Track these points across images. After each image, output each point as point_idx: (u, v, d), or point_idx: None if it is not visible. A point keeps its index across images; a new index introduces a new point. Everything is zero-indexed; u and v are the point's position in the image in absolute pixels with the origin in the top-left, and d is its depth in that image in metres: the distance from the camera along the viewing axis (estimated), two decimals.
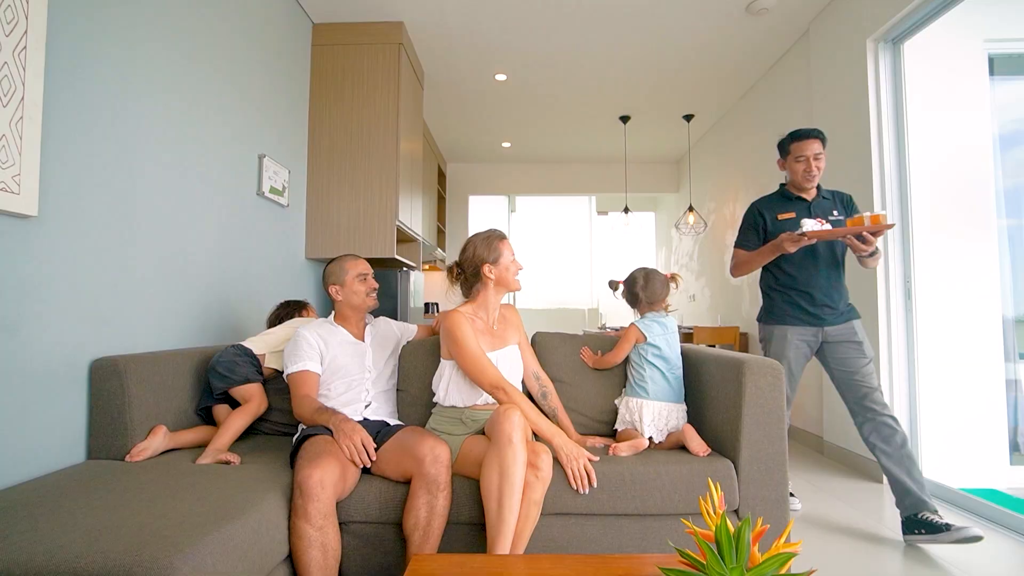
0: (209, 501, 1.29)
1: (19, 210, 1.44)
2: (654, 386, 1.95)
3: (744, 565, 0.73)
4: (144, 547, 1.03)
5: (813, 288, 2.27)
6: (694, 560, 0.76)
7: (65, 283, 1.64)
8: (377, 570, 1.65)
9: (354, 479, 1.60)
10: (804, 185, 2.32)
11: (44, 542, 1.05)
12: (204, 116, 2.36)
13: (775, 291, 2.37)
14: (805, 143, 2.27)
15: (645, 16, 3.50)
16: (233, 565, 1.14)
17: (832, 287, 2.27)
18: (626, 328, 2.07)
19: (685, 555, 0.78)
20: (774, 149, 2.49)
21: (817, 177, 2.28)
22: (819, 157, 2.25)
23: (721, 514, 0.79)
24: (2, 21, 1.38)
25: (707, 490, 1.51)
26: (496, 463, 1.47)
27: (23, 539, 1.06)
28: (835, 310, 2.25)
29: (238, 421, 1.84)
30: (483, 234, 1.92)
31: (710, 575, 0.73)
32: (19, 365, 1.48)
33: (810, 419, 3.72)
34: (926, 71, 2.92)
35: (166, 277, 2.11)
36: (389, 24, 3.54)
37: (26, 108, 1.45)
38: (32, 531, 1.09)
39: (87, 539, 1.06)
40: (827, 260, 2.27)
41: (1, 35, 1.38)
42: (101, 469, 1.55)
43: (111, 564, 0.98)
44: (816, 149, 2.25)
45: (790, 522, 0.97)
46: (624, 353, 2.05)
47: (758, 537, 0.81)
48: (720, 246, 5.47)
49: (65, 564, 0.98)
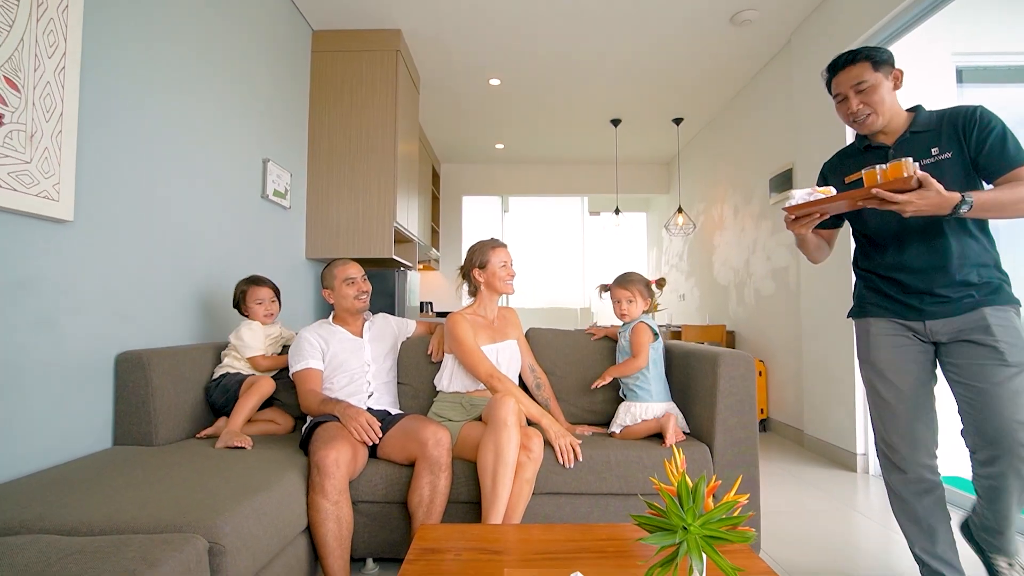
0: (236, 478, 1.46)
1: (58, 215, 1.60)
2: (658, 385, 2.06)
3: (699, 511, 0.91)
4: (189, 511, 1.20)
5: (900, 271, 1.59)
6: (658, 509, 0.94)
7: (94, 282, 1.80)
8: (384, 545, 1.83)
9: (363, 461, 1.78)
10: (860, 131, 1.62)
11: (99, 508, 1.21)
12: (213, 124, 2.52)
13: (857, 275, 1.76)
14: (840, 76, 1.58)
15: (634, 25, 3.69)
16: (264, 530, 1.31)
17: (937, 265, 1.53)
18: (635, 328, 2.09)
19: (651, 505, 0.96)
20: (761, 152, 2.53)
21: (873, 117, 1.55)
22: (864, 88, 1.53)
23: (682, 472, 0.97)
24: (45, 44, 1.54)
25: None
26: (492, 443, 1.66)
27: (79, 506, 1.22)
28: (944, 298, 1.52)
29: (249, 402, 1.96)
30: (481, 242, 2.17)
31: (670, 518, 0.91)
32: (56, 357, 1.64)
33: (790, 413, 3.93)
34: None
35: (181, 276, 2.27)
36: (387, 32, 3.71)
37: (64, 122, 1.61)
38: (84, 500, 1.26)
39: (135, 506, 1.23)
40: (922, 227, 1.54)
41: (44, 57, 1.54)
42: (130, 453, 1.71)
43: (163, 523, 1.15)
44: (856, 77, 1.54)
45: (739, 478, 1.16)
46: (647, 354, 2.05)
47: (712, 491, 0.99)
48: (709, 246, 5.68)
49: (123, 524, 1.15)
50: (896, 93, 1.57)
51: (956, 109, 1.53)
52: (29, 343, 1.55)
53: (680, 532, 0.89)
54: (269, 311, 2.27)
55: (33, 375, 1.57)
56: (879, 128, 1.57)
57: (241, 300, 2.25)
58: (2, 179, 1.43)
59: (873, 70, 1.53)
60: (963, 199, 1.37)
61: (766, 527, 2.22)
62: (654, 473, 1.83)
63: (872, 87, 1.54)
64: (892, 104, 1.56)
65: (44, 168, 1.55)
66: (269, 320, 2.28)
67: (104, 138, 1.84)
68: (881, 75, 1.54)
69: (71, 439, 1.71)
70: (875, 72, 1.53)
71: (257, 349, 2.17)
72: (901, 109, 1.59)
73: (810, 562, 1.98)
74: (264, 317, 2.25)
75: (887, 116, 1.56)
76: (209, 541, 1.14)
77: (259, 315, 2.24)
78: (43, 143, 1.54)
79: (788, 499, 2.64)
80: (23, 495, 1.30)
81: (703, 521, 0.90)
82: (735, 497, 0.96)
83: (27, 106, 1.50)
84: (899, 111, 1.58)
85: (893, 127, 1.58)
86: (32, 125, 1.51)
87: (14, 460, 1.50)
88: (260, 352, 2.18)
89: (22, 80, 1.48)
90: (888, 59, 1.55)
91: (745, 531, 0.93)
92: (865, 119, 1.56)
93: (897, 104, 1.58)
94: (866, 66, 1.54)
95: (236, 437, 1.81)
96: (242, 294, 2.25)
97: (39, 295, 1.59)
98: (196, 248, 2.38)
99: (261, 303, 2.25)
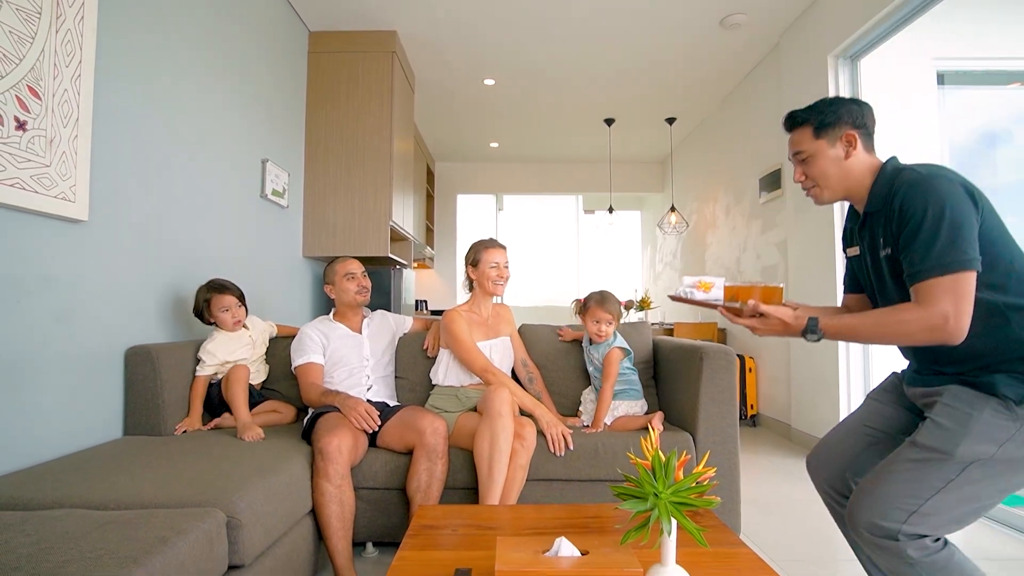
0: (246, 463, 1.58)
1: (75, 215, 1.72)
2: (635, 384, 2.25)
3: (669, 481, 1.04)
4: (207, 490, 1.33)
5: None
6: (635, 480, 1.07)
7: (106, 278, 1.92)
8: (384, 529, 1.96)
9: (364, 448, 1.91)
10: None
11: (123, 487, 1.34)
12: (215, 125, 2.64)
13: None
14: (789, 137, 1.40)
15: (626, 27, 3.82)
16: (274, 508, 1.44)
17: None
18: (610, 355, 2.16)
19: (628, 477, 1.09)
20: (751, 152, 2.62)
21: (817, 191, 1.36)
22: (804, 158, 1.35)
23: (656, 448, 1.10)
24: (63, 54, 1.66)
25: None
26: (488, 432, 1.79)
27: (104, 485, 1.35)
28: (918, 372, 1.33)
29: (238, 395, 2.02)
30: (479, 240, 2.29)
31: (644, 487, 1.04)
32: (71, 351, 1.76)
33: (779, 409, 4.08)
34: (881, 86, 3.28)
35: (186, 273, 2.39)
36: (383, 33, 3.83)
37: (80, 127, 1.73)
38: (108, 481, 1.38)
39: (156, 486, 1.36)
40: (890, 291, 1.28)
41: (63, 66, 1.66)
42: (142, 443, 1.83)
43: (184, 499, 1.28)
44: (795, 145, 1.37)
45: (707, 453, 1.30)
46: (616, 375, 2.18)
47: (682, 465, 1.12)
48: (702, 245, 5.83)
49: (147, 499, 1.27)
50: (859, 156, 1.30)
51: (898, 186, 1.21)
52: (49, 336, 1.67)
53: (652, 499, 1.02)
54: (236, 317, 2.19)
55: (52, 367, 1.69)
56: (828, 202, 1.37)
57: (205, 308, 2.16)
58: (25, 182, 1.54)
59: (813, 137, 1.32)
60: (808, 327, 1.23)
61: (751, 516, 2.36)
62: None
63: (810, 157, 1.32)
64: (844, 175, 1.31)
65: (62, 171, 1.66)
66: (238, 327, 2.21)
67: (114, 142, 1.95)
68: (824, 143, 1.31)
69: (83, 429, 1.82)
70: (815, 140, 1.31)
71: (224, 357, 2.14)
72: (865, 172, 1.30)
73: (793, 548, 2.12)
74: (233, 325, 2.18)
75: (837, 189, 1.33)
76: (227, 515, 1.26)
77: (227, 323, 2.17)
78: (61, 147, 1.66)
79: (773, 490, 2.78)
80: (49, 477, 1.42)
81: (673, 489, 1.03)
82: (702, 469, 1.09)
83: (47, 113, 1.61)
84: (861, 177, 1.30)
85: (859, 195, 1.33)
86: (51, 131, 1.63)
87: (33, 448, 1.62)
88: (224, 360, 2.13)
89: (43, 88, 1.60)
90: (834, 122, 1.30)
91: (711, 498, 1.06)
92: (810, 191, 1.37)
93: (856, 170, 1.30)
94: (805, 133, 1.33)
95: (252, 428, 1.90)
96: (205, 303, 2.16)
97: (58, 291, 1.71)
98: (199, 246, 2.50)
99: (227, 310, 2.16)
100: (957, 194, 1.12)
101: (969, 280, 1.09)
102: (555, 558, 1.05)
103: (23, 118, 1.54)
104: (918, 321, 1.11)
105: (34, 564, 0.92)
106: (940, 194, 1.12)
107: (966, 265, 1.08)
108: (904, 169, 1.23)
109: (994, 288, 1.14)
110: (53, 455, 1.66)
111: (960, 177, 1.18)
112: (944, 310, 1.08)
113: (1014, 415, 1.11)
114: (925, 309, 1.11)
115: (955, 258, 1.08)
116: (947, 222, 1.09)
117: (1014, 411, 1.11)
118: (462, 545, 1.29)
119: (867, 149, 1.31)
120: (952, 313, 1.08)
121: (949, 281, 1.09)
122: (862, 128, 1.30)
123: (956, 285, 1.08)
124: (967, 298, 1.09)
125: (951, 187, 1.13)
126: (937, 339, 1.11)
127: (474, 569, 1.11)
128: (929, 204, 1.11)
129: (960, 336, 1.10)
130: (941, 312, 1.09)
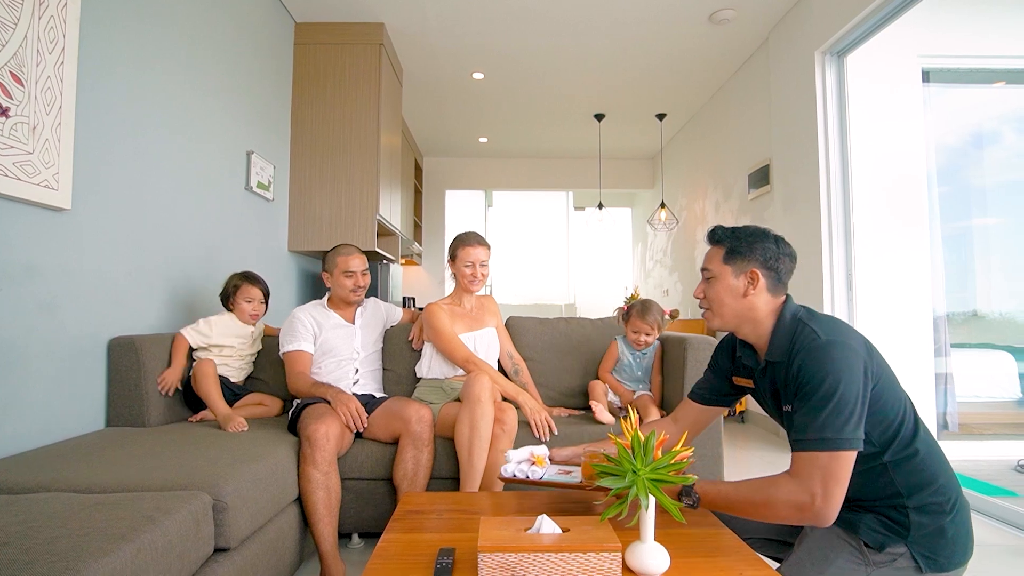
0: (232, 450, 1.61)
1: (58, 204, 1.74)
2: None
3: (648, 460, 1.09)
4: (193, 475, 1.36)
5: None
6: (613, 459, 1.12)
7: (89, 268, 1.94)
8: (370, 521, 1.99)
9: (350, 438, 1.95)
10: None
11: (109, 472, 1.37)
12: (199, 116, 2.66)
13: None
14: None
15: (616, 22, 3.88)
16: (260, 494, 1.47)
17: None
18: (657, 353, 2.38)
19: (608, 457, 1.14)
20: (740, 148, 2.68)
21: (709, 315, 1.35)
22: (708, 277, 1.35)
23: (635, 428, 1.15)
24: (46, 40, 1.68)
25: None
26: (468, 418, 1.84)
27: (90, 471, 1.38)
28: None
29: (211, 389, 2.02)
30: (461, 234, 2.30)
31: (623, 465, 1.09)
32: (53, 340, 1.78)
33: None
34: (867, 82, 3.37)
35: (169, 264, 2.41)
36: (370, 25, 3.85)
37: (63, 115, 1.75)
38: (93, 467, 1.41)
39: (142, 471, 1.39)
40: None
41: (45, 53, 1.68)
42: (126, 433, 1.85)
43: (170, 483, 1.31)
44: (707, 260, 1.36)
45: (684, 433, 1.36)
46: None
47: (660, 444, 1.17)
48: (692, 242, 5.91)
49: (133, 484, 1.31)
50: (760, 296, 1.25)
51: (799, 348, 1.18)
52: (33, 326, 1.69)
53: (631, 475, 1.07)
54: (255, 312, 2.28)
55: (35, 357, 1.71)
56: (718, 328, 1.32)
57: (233, 293, 2.27)
58: (8, 169, 1.56)
59: (722, 261, 1.29)
60: (683, 490, 1.21)
61: None
62: None
63: (714, 279, 1.30)
64: (739, 310, 1.27)
65: (45, 159, 1.68)
66: (254, 321, 2.30)
67: (98, 130, 1.97)
68: (729, 270, 1.27)
69: (66, 419, 1.84)
70: (723, 264, 1.29)
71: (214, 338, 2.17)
72: (766, 314, 1.26)
73: None
74: (250, 317, 2.27)
75: (729, 320, 1.30)
76: (213, 498, 1.29)
77: (245, 312, 2.26)
78: (44, 135, 1.68)
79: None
80: (33, 463, 1.44)
81: (652, 467, 1.08)
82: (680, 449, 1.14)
83: (30, 100, 1.63)
84: (760, 317, 1.27)
85: (756, 335, 1.29)
86: (34, 118, 1.65)
87: (14, 437, 1.64)
88: (210, 341, 2.17)
89: (25, 75, 1.62)
90: (746, 254, 1.26)
91: (688, 476, 1.11)
92: (703, 312, 1.36)
93: (754, 309, 1.26)
94: (718, 253, 1.31)
95: (234, 419, 1.92)
96: (235, 288, 2.26)
97: (41, 280, 1.73)
98: (184, 238, 2.52)
99: (251, 302, 2.27)
100: (853, 367, 1.11)
101: (846, 460, 1.08)
102: (536, 535, 1.10)
103: (6, 104, 1.56)
104: (787, 495, 1.10)
105: (23, 540, 0.96)
106: (837, 368, 1.11)
107: (844, 445, 1.08)
108: (805, 326, 1.20)
109: (875, 445, 1.17)
110: (35, 445, 1.68)
111: (857, 337, 1.18)
112: (813, 488, 1.08)
113: (866, 562, 1.16)
114: (796, 483, 1.10)
115: (836, 436, 1.08)
116: (837, 399, 1.09)
117: (867, 558, 1.17)
118: (447, 528, 1.33)
119: (772, 291, 1.26)
120: (820, 493, 1.07)
121: (825, 458, 1.08)
122: (772, 271, 1.26)
123: (831, 463, 1.08)
124: (840, 481, 1.08)
125: (848, 359, 1.12)
126: (805, 519, 1.10)
127: (458, 548, 1.16)
128: (826, 378, 1.10)
129: (827, 519, 1.09)
130: (809, 490, 1.08)
